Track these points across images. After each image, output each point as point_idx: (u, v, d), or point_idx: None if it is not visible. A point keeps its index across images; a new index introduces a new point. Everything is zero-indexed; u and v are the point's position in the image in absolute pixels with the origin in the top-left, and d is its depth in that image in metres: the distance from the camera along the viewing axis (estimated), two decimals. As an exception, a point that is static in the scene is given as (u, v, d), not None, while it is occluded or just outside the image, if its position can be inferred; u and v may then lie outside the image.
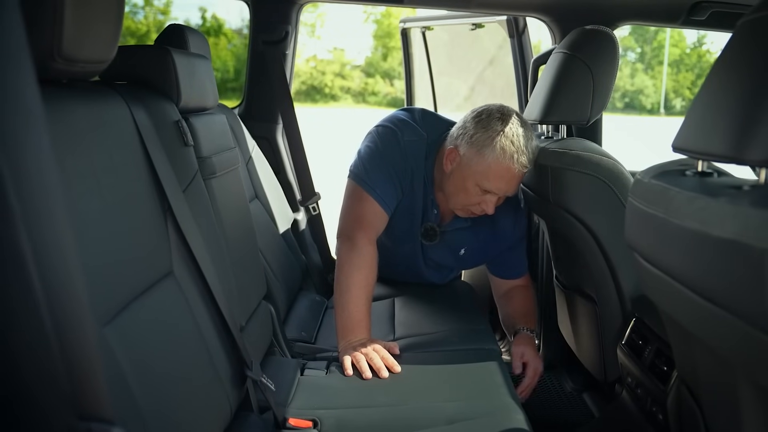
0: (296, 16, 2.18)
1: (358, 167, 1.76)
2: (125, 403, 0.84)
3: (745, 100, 0.73)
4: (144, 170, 1.06)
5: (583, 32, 1.65)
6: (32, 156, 0.60)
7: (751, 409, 0.83)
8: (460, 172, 1.67)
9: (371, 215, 1.70)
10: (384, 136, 1.77)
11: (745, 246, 0.67)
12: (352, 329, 1.56)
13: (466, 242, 1.89)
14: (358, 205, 1.71)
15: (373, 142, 1.77)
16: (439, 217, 1.84)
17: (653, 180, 0.92)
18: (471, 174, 1.65)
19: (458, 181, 1.69)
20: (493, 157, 1.61)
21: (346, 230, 1.70)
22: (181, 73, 1.22)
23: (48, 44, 0.78)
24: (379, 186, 1.71)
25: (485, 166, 1.62)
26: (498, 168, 1.62)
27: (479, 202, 1.69)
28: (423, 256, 1.92)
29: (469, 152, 1.64)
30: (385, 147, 1.75)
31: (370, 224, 1.69)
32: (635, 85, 27.94)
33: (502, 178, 1.63)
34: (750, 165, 0.72)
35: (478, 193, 1.67)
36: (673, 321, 1.03)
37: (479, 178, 1.64)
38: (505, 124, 1.62)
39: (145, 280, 0.98)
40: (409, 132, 1.77)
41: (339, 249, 1.71)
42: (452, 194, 1.73)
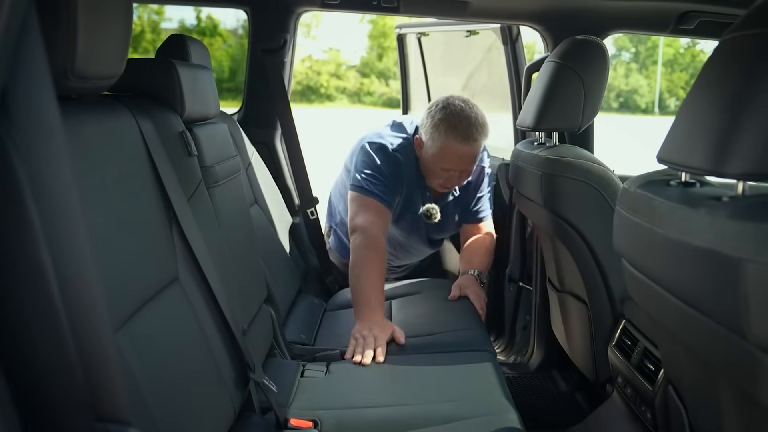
0: (294, 25, 2.21)
1: (357, 180, 1.96)
2: (136, 405, 0.88)
3: (724, 115, 0.77)
4: (150, 180, 1.09)
5: (574, 42, 1.70)
6: (52, 173, 0.64)
7: (732, 410, 0.87)
8: (425, 157, 1.97)
9: (375, 211, 1.92)
10: (376, 150, 1.99)
11: (722, 255, 0.71)
12: (370, 311, 1.74)
13: (457, 208, 2.19)
14: (364, 207, 1.92)
15: (367, 156, 1.99)
16: (431, 198, 2.10)
17: (639, 189, 0.96)
18: (431, 157, 1.94)
19: (426, 164, 1.99)
20: (441, 140, 1.89)
21: (360, 225, 1.89)
22: (185, 85, 1.26)
23: (62, 63, 0.81)
24: (377, 188, 1.94)
25: (438, 149, 1.91)
26: (447, 149, 1.89)
27: (445, 179, 1.98)
28: (428, 238, 2.20)
29: (426, 140, 1.94)
30: (378, 159, 1.98)
31: (376, 217, 1.91)
32: (630, 85, 27.98)
33: (453, 157, 1.91)
34: (728, 178, 0.76)
35: (441, 172, 1.96)
36: (658, 324, 1.07)
37: (436, 159, 1.93)
38: (450, 111, 1.88)
39: (153, 287, 1.02)
40: (396, 141, 2.02)
41: (354, 241, 1.89)
42: (426, 176, 2.03)
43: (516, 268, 2.42)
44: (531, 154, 1.74)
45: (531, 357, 2.31)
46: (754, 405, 0.79)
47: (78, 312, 0.65)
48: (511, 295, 2.47)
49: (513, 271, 2.44)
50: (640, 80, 28.24)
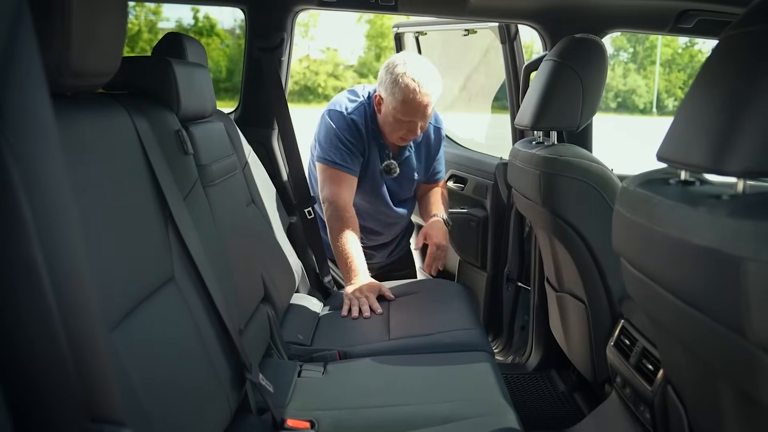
0: (291, 23, 2.20)
1: (320, 152, 2.14)
2: (131, 406, 0.87)
3: (724, 113, 0.76)
4: (146, 179, 1.08)
5: (572, 40, 1.69)
6: (45, 171, 0.63)
7: (731, 409, 0.86)
8: (384, 110, 2.10)
9: (341, 180, 2.11)
10: (333, 119, 2.14)
11: (722, 254, 0.71)
12: (355, 273, 2.03)
13: (415, 166, 2.31)
14: (329, 178, 2.11)
15: (327, 126, 2.14)
16: (391, 154, 2.24)
17: (638, 188, 0.95)
18: (390, 111, 2.06)
19: (386, 119, 2.11)
20: (401, 93, 2.01)
21: (327, 198, 2.10)
22: (181, 83, 1.25)
23: (56, 61, 0.80)
24: (339, 157, 2.10)
25: (397, 102, 2.02)
26: (406, 101, 2.01)
27: (405, 131, 2.10)
28: (391, 198, 2.32)
29: (385, 95, 2.06)
30: (336, 128, 2.12)
31: (342, 187, 2.10)
32: (628, 85, 28.03)
33: (411, 108, 2.02)
34: (728, 176, 0.75)
35: (402, 124, 2.08)
36: (657, 324, 1.06)
37: (396, 112, 2.05)
38: (407, 66, 2.01)
39: (148, 287, 1.01)
40: (351, 106, 2.17)
41: (326, 213, 2.12)
42: (386, 131, 2.15)
43: (514, 268, 2.42)
44: (529, 154, 1.73)
45: (529, 357, 2.31)
46: (753, 404, 0.78)
47: (71, 311, 0.64)
48: (510, 295, 2.46)
49: (511, 270, 2.43)
50: (638, 80, 28.29)
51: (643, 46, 28.35)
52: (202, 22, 20.85)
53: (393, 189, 2.31)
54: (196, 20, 20.62)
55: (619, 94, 27.79)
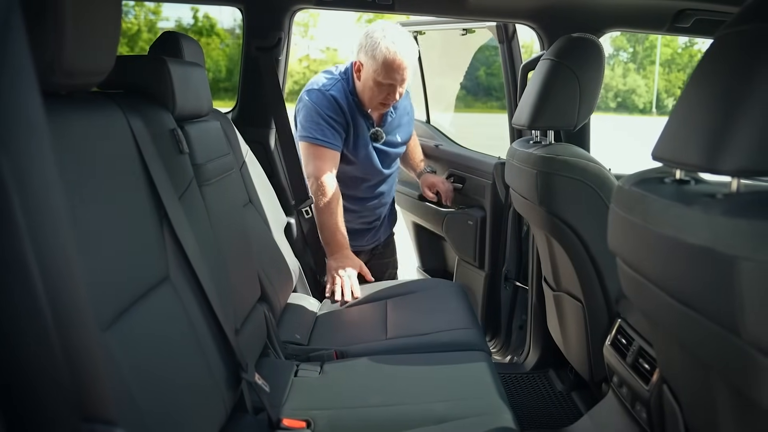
0: (289, 23, 2.20)
1: (302, 131, 2.19)
2: (125, 405, 0.87)
3: (718, 112, 0.76)
4: (141, 178, 1.08)
5: (569, 40, 1.69)
6: (36, 169, 0.63)
7: (727, 409, 0.86)
8: (365, 77, 2.17)
9: (322, 156, 2.17)
10: (313, 97, 2.20)
11: (716, 253, 0.71)
12: (339, 246, 2.16)
13: (398, 128, 2.42)
14: (312, 155, 2.18)
15: (306, 106, 2.20)
16: (374, 122, 2.33)
17: (633, 187, 0.95)
18: (372, 74, 2.14)
19: (366, 84, 2.18)
20: (382, 56, 2.09)
21: (312, 173, 2.18)
22: (177, 82, 1.25)
23: (49, 59, 0.80)
24: (321, 133, 2.16)
25: (378, 65, 2.11)
26: (387, 63, 2.10)
27: (385, 94, 2.18)
28: (381, 162, 2.39)
29: (366, 59, 2.14)
30: (316, 105, 2.18)
31: (324, 162, 2.17)
32: (627, 85, 28.05)
33: (392, 70, 2.11)
34: (722, 174, 0.75)
35: (381, 87, 2.16)
36: (652, 323, 1.06)
37: (377, 75, 2.13)
38: (386, 31, 2.11)
39: (143, 286, 1.01)
40: (328, 83, 2.24)
41: (311, 188, 2.20)
42: (367, 97, 2.22)
43: (512, 268, 2.42)
44: (526, 153, 1.73)
45: (527, 356, 2.31)
46: (749, 403, 0.78)
47: (63, 310, 0.64)
48: (507, 294, 2.46)
49: (509, 270, 2.43)
50: (637, 80, 28.31)
51: (643, 46, 28.38)
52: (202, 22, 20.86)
53: (383, 154, 2.41)
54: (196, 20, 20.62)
55: (619, 94, 27.81)
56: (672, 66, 28.51)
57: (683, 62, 27.79)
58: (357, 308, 2.04)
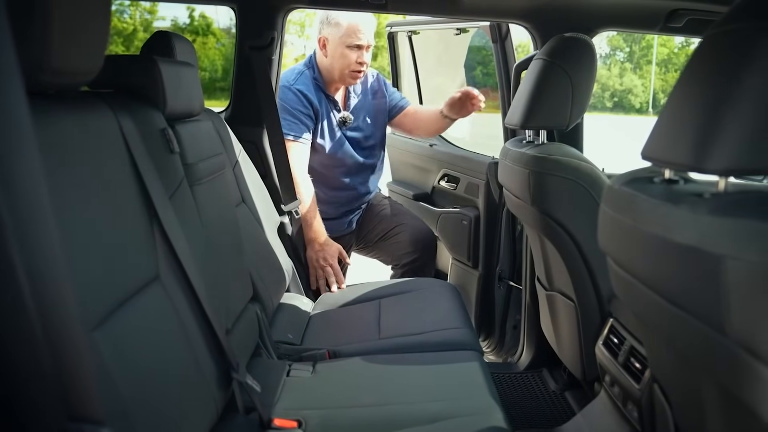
0: (282, 22, 2.20)
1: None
2: (113, 405, 0.86)
3: (706, 112, 0.76)
4: (131, 178, 1.08)
5: (562, 40, 1.69)
6: (22, 168, 0.63)
7: (715, 407, 0.87)
8: (332, 47, 2.30)
9: (293, 149, 2.26)
10: (281, 95, 2.30)
11: (703, 252, 0.71)
12: (313, 233, 2.26)
13: (366, 109, 2.49)
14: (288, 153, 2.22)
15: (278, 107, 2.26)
16: (340, 107, 2.43)
17: (623, 187, 0.95)
18: (339, 41, 2.28)
19: (335, 54, 2.30)
20: (345, 19, 2.26)
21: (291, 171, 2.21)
22: (167, 82, 1.24)
23: (36, 58, 0.80)
24: (287, 128, 2.25)
25: (343, 28, 2.26)
26: (351, 23, 2.26)
27: (355, 58, 2.29)
28: (354, 148, 2.45)
29: (330, 29, 2.29)
30: (282, 102, 2.28)
31: (294, 156, 2.25)
32: (624, 85, 28.10)
33: (358, 30, 2.26)
34: (710, 174, 0.75)
35: (351, 51, 2.28)
36: (642, 322, 1.06)
37: (345, 38, 2.27)
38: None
39: (133, 286, 1.01)
40: (292, 76, 2.35)
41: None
42: (336, 69, 2.33)
43: (506, 267, 2.42)
44: (519, 153, 1.73)
45: (521, 356, 2.31)
46: (735, 402, 0.78)
47: (50, 309, 0.64)
48: (501, 294, 2.47)
49: (503, 270, 2.43)
50: (634, 80, 28.36)
51: (640, 46, 28.43)
52: (198, 21, 20.77)
53: (354, 138, 2.45)
54: (192, 19, 20.54)
55: (616, 94, 27.86)
56: (668, 66, 28.56)
57: (680, 62, 27.82)
58: (350, 308, 2.04)
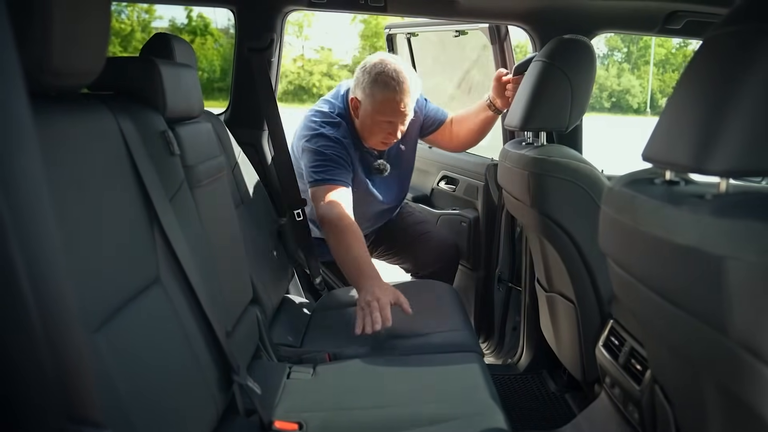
0: (281, 24, 2.20)
1: (312, 176, 2.03)
2: (114, 408, 0.86)
3: (707, 113, 0.76)
4: (131, 180, 1.08)
5: (561, 41, 1.69)
6: (23, 170, 0.63)
7: (716, 408, 0.87)
8: (363, 114, 2.06)
9: (336, 194, 1.98)
10: (320, 143, 2.05)
11: (704, 253, 0.71)
12: (365, 278, 1.78)
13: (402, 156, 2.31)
14: (323, 196, 1.98)
15: (312, 153, 2.05)
16: (377, 155, 2.22)
17: (623, 188, 0.96)
18: (370, 113, 2.04)
19: (365, 122, 2.07)
20: (380, 93, 1.99)
21: (324, 215, 1.94)
22: (167, 84, 1.24)
23: (37, 59, 0.80)
24: (330, 173, 2.01)
25: (376, 103, 2.01)
26: (387, 101, 1.99)
27: (385, 133, 2.08)
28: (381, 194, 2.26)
29: (363, 96, 2.03)
30: (323, 149, 2.04)
31: (338, 199, 1.96)
32: (622, 85, 28.16)
33: (392, 107, 2.00)
34: (711, 175, 0.76)
35: (382, 125, 2.05)
36: (643, 323, 1.06)
37: (375, 114, 2.02)
38: (383, 66, 1.99)
39: (133, 288, 1.00)
40: (326, 124, 2.09)
41: (325, 232, 1.95)
42: (367, 135, 2.11)
43: (505, 269, 2.42)
44: (518, 154, 1.73)
45: (520, 358, 2.31)
46: (737, 403, 0.78)
47: (50, 311, 0.64)
48: (501, 295, 2.46)
49: (502, 271, 2.43)
50: (632, 80, 28.42)
51: (637, 46, 28.48)
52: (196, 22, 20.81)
53: (384, 186, 2.27)
54: (190, 19, 20.58)
55: (614, 94, 27.91)
56: (666, 66, 28.64)
57: (677, 62, 27.90)
58: (349, 310, 2.04)
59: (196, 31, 20.25)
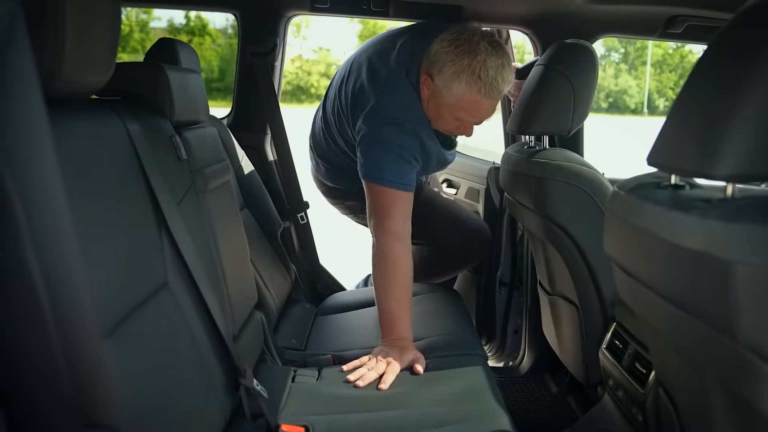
0: (284, 29, 2.21)
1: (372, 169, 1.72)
2: (124, 412, 0.87)
3: (712, 118, 0.77)
4: (140, 185, 1.08)
5: (563, 46, 1.70)
6: (39, 177, 0.64)
7: (722, 412, 0.87)
8: (434, 100, 1.71)
9: (406, 205, 1.70)
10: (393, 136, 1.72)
11: (712, 257, 0.72)
12: (394, 333, 1.62)
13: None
14: (392, 204, 1.69)
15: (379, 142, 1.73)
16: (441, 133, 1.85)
17: (629, 192, 0.96)
18: (443, 104, 1.69)
19: (434, 109, 1.73)
20: (460, 91, 1.63)
21: (389, 229, 1.67)
22: (175, 89, 1.25)
23: (49, 68, 0.81)
24: (405, 177, 1.70)
25: (455, 99, 1.66)
26: (467, 101, 1.65)
27: (456, 127, 1.75)
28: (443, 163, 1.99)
29: (440, 83, 1.66)
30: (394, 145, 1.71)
31: (407, 213, 1.70)
32: (619, 86, 28.18)
33: (472, 109, 1.67)
34: (717, 180, 0.76)
35: (453, 120, 1.72)
36: (648, 326, 1.07)
37: (451, 108, 1.68)
38: (474, 55, 1.60)
39: (142, 293, 1.01)
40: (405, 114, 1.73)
41: (381, 244, 1.68)
42: (432, 120, 1.76)
43: (507, 272, 2.43)
44: (521, 158, 1.74)
45: (522, 360, 2.32)
46: (744, 406, 0.79)
47: (66, 317, 0.65)
48: (502, 298, 2.47)
49: (504, 274, 2.44)
50: (629, 81, 28.46)
51: (635, 47, 28.51)
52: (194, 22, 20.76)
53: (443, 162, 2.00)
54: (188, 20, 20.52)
55: (611, 95, 27.93)
56: (663, 67, 28.67)
57: (674, 63, 27.95)
58: (353, 313, 2.05)
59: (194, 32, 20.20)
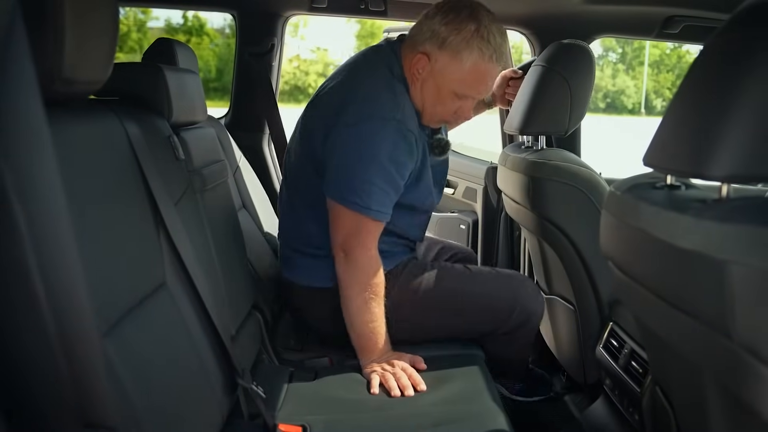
0: (282, 29, 2.21)
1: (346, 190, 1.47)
2: (122, 412, 0.87)
3: (708, 118, 0.77)
4: (138, 185, 1.09)
5: (560, 46, 1.71)
6: (39, 177, 0.64)
7: (718, 410, 0.88)
8: (432, 81, 1.50)
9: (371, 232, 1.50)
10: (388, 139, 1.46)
11: (707, 257, 0.72)
12: (372, 347, 1.52)
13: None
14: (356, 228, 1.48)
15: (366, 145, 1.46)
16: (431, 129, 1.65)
17: (625, 193, 0.97)
18: (447, 82, 1.50)
19: (431, 91, 1.52)
20: (472, 61, 1.46)
21: (348, 249, 1.49)
22: (173, 90, 1.25)
23: (48, 69, 0.81)
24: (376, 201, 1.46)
25: (464, 72, 1.48)
26: (478, 71, 1.49)
27: (456, 110, 1.56)
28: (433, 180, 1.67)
29: (444, 57, 1.48)
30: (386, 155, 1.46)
31: (370, 240, 1.50)
32: (616, 86, 28.18)
33: (481, 81, 1.51)
34: (712, 181, 0.77)
35: (455, 100, 1.53)
36: (645, 326, 1.07)
37: (457, 84, 1.50)
38: (479, 21, 1.46)
39: (140, 292, 1.01)
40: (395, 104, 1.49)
41: (338, 265, 1.51)
42: (426, 108, 1.55)
43: (504, 271, 2.43)
44: (518, 158, 1.74)
45: (520, 360, 2.32)
46: (739, 405, 0.79)
47: (65, 317, 0.65)
48: (500, 298, 2.47)
49: (501, 274, 2.44)
50: (626, 81, 28.45)
51: (632, 47, 28.51)
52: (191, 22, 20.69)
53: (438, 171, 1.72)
54: (186, 19, 20.45)
55: (608, 95, 27.93)
56: (660, 67, 28.67)
57: (672, 63, 27.94)
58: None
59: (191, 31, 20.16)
